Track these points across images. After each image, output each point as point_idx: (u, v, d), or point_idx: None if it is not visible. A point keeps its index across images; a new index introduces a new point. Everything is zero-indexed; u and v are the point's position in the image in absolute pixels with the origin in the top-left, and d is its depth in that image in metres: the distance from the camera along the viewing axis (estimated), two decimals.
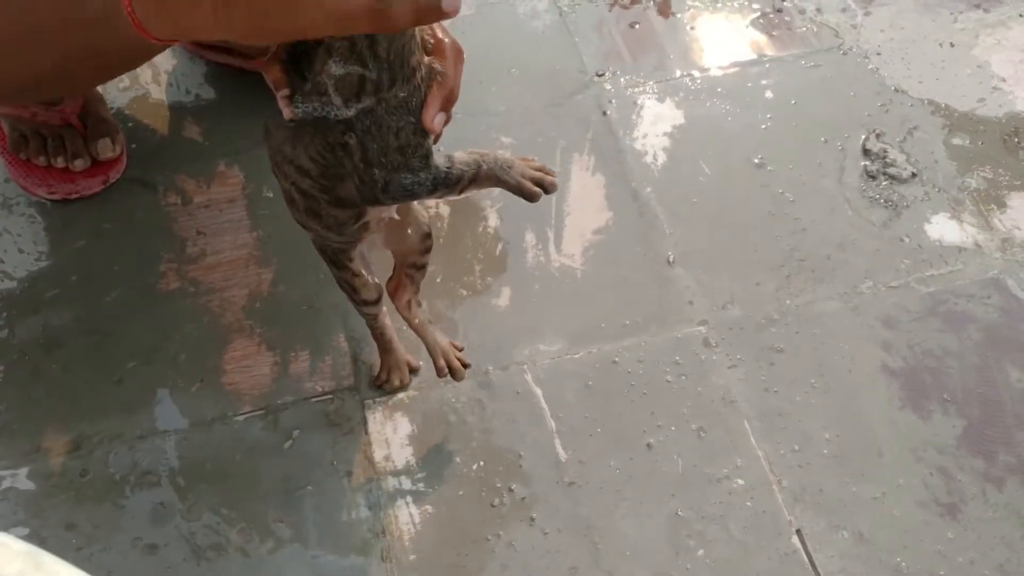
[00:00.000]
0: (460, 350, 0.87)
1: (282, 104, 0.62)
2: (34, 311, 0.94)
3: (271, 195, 1.03)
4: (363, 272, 0.76)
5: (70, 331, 0.93)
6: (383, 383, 0.89)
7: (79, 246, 0.99)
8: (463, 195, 0.68)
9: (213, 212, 1.02)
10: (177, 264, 0.98)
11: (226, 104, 1.10)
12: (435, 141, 0.65)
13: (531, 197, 0.68)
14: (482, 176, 0.67)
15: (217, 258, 0.98)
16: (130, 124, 1.08)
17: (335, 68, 0.58)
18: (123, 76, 1.13)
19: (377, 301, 0.79)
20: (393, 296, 0.81)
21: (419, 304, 0.82)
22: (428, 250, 0.78)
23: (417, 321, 0.83)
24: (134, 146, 1.06)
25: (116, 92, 1.10)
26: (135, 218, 1.01)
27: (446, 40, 0.64)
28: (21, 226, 1.00)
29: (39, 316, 0.94)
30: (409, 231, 0.76)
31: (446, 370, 0.84)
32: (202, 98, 1.11)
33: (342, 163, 0.63)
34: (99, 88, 1.08)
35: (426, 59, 0.61)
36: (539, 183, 0.69)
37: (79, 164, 1.01)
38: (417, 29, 0.60)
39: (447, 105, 0.63)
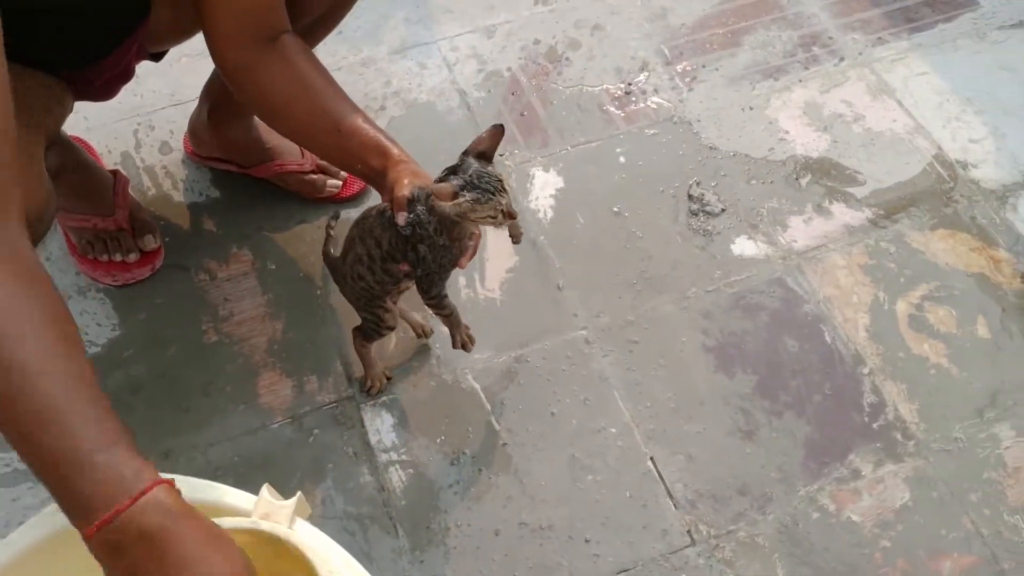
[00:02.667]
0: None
1: (400, 218, 1.04)
2: (118, 366, 1.33)
3: (274, 267, 1.43)
4: (392, 308, 1.20)
5: (146, 378, 1.33)
6: (369, 388, 1.30)
7: (141, 317, 1.38)
8: (433, 312, 1.17)
9: (233, 283, 1.42)
10: (214, 323, 1.38)
11: (230, 200, 1.50)
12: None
13: (456, 346, 1.20)
14: (452, 319, 1.17)
15: (242, 316, 1.38)
16: (162, 222, 1.47)
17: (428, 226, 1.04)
18: (150, 185, 1.52)
19: (394, 328, 1.23)
20: None
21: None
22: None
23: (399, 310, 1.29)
24: (168, 239, 1.45)
25: (148, 198, 1.49)
26: (178, 293, 1.41)
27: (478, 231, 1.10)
28: (96, 307, 1.39)
29: (122, 370, 1.33)
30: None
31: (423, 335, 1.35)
32: (211, 197, 1.51)
33: (406, 255, 1.07)
34: (137, 196, 1.47)
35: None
36: (464, 344, 1.20)
37: (132, 257, 1.40)
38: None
39: (471, 258, 1.10)
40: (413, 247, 1.06)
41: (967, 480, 1.24)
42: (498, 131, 1.04)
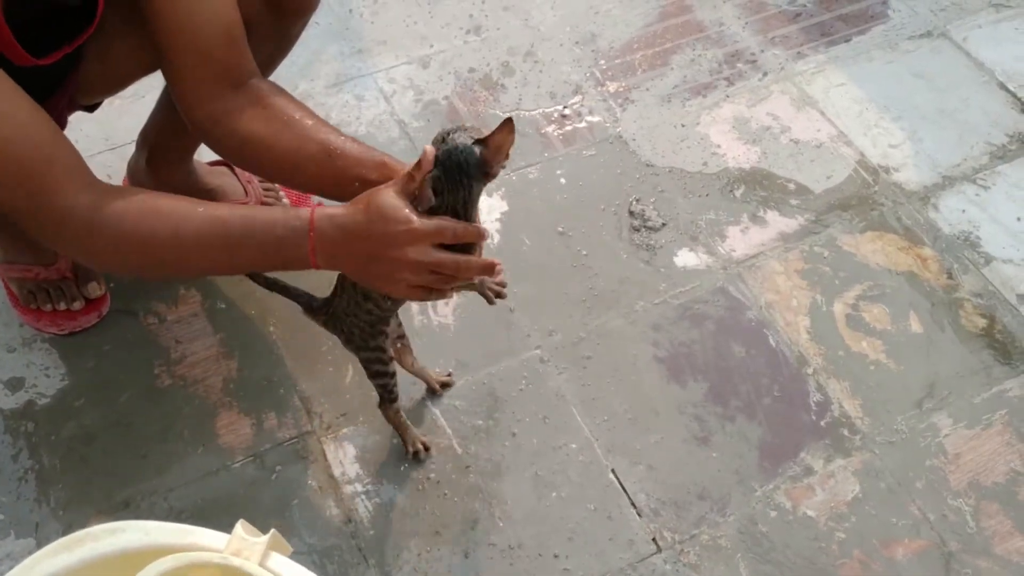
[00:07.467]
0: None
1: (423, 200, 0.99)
2: (70, 417, 1.31)
3: (224, 306, 1.43)
4: (388, 347, 1.16)
5: (100, 427, 1.31)
6: (415, 454, 1.28)
7: (90, 365, 1.36)
8: None
9: (183, 325, 1.41)
10: (166, 366, 1.36)
11: None
12: None
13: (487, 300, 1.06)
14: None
15: (195, 357, 1.38)
16: None
17: None
18: None
19: (395, 374, 1.19)
20: (401, 361, 1.25)
21: (415, 360, 1.29)
22: (400, 325, 1.23)
23: (416, 367, 1.30)
24: (112, 285, 1.44)
25: None
26: (127, 338, 1.39)
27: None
28: (43, 358, 1.37)
29: (75, 420, 1.31)
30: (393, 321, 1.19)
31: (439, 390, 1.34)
32: None
33: None
34: None
35: None
36: (497, 294, 1.06)
37: (77, 305, 1.38)
38: None
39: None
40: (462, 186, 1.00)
41: (912, 469, 1.30)
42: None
